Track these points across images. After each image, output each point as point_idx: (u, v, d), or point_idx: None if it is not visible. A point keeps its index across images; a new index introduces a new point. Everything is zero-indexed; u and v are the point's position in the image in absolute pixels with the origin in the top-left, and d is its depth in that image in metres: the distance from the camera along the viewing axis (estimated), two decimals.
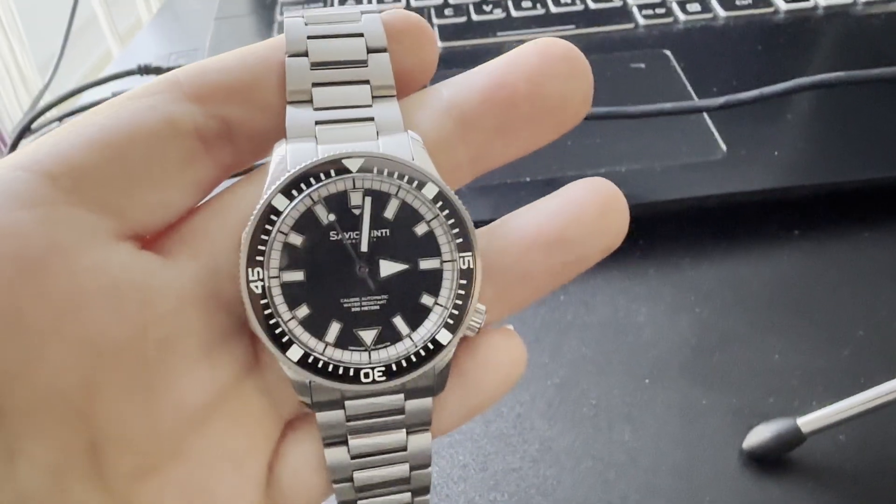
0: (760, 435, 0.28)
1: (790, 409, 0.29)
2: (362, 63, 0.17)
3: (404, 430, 0.18)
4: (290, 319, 0.16)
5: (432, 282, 0.17)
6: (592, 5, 0.49)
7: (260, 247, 0.16)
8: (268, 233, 0.16)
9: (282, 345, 0.16)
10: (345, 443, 0.17)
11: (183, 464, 0.16)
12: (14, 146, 0.50)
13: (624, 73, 0.43)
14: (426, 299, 0.17)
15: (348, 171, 0.16)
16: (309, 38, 0.17)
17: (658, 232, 0.37)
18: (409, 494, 0.18)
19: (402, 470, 0.18)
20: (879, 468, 0.28)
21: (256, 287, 0.16)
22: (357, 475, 0.18)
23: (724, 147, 0.38)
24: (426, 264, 0.17)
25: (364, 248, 0.16)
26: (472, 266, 0.17)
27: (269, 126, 0.17)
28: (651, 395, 0.30)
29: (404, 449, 0.18)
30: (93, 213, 0.15)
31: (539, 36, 0.50)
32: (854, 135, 0.38)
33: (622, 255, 0.36)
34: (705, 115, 0.39)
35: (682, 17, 0.47)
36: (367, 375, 0.16)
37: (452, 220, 0.17)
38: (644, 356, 0.32)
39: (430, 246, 0.17)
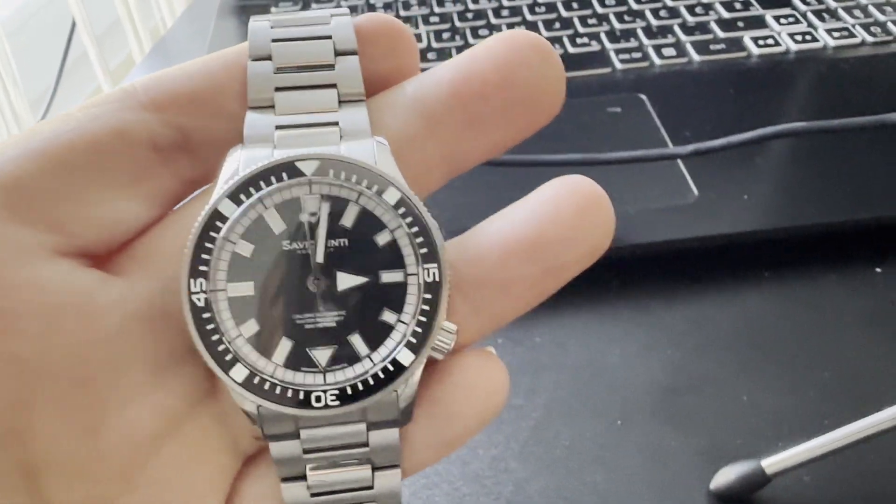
0: (726, 476, 0.29)
1: (757, 450, 0.30)
2: (329, 66, 0.16)
3: (369, 467, 0.16)
4: (236, 336, 0.15)
5: (395, 296, 0.15)
6: (571, 49, 0.50)
7: (204, 255, 0.15)
8: (213, 241, 0.15)
9: (225, 364, 0.15)
10: (303, 478, 0.16)
11: (133, 498, 0.15)
12: None
13: (601, 118, 0.44)
14: (388, 316, 0.15)
15: (302, 175, 0.15)
16: (273, 41, 0.16)
17: (631, 274, 0.38)
18: None
19: None
20: None
21: (199, 300, 0.15)
22: None
23: (695, 191, 0.39)
24: (388, 277, 0.15)
25: (320, 258, 0.15)
26: (437, 279, 0.15)
27: (230, 135, 0.16)
28: (622, 437, 0.31)
29: (370, 487, 0.16)
30: (28, 228, 0.14)
31: None
32: (821, 180, 0.39)
33: (596, 296, 0.37)
34: (678, 160, 0.40)
35: (657, 61, 0.49)
36: (318, 399, 0.15)
37: (417, 229, 0.15)
38: (616, 397, 0.33)
39: (392, 257, 0.15)
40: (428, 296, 0.15)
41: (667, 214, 0.38)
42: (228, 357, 0.15)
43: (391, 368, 0.15)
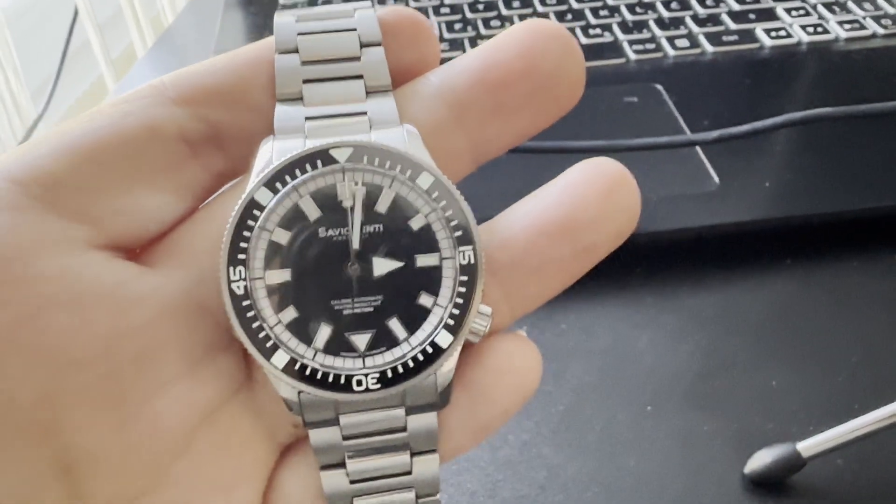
0: (761, 460, 0.29)
1: (789, 434, 0.30)
2: (355, 58, 0.16)
3: (408, 452, 0.16)
4: (275, 324, 0.15)
5: (431, 280, 0.16)
6: (584, 40, 0.50)
7: (242, 244, 0.15)
8: (250, 229, 0.15)
9: (266, 350, 0.15)
10: (343, 466, 0.16)
11: (167, 491, 0.15)
12: None
13: (618, 107, 0.44)
14: (424, 299, 0.16)
15: (336, 162, 0.15)
16: (299, 34, 0.16)
17: (656, 261, 0.38)
18: None
19: (407, 498, 0.17)
20: (877, 492, 0.29)
21: (238, 288, 0.15)
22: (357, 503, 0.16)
23: (716, 179, 0.39)
24: (423, 261, 0.16)
25: (356, 244, 0.15)
26: (473, 261, 0.16)
27: (259, 129, 0.16)
28: (654, 422, 0.31)
29: (409, 473, 0.16)
30: (63, 221, 0.15)
31: None
32: (840, 167, 0.40)
33: (621, 283, 0.37)
34: (698, 148, 0.40)
35: (671, 52, 0.49)
36: (359, 383, 0.15)
37: (450, 212, 0.16)
38: (646, 383, 0.33)
39: (427, 241, 0.16)
40: (464, 278, 0.16)
41: (689, 202, 0.38)
42: (269, 344, 0.15)
43: (430, 351, 0.15)
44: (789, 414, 0.31)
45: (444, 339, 0.15)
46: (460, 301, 0.16)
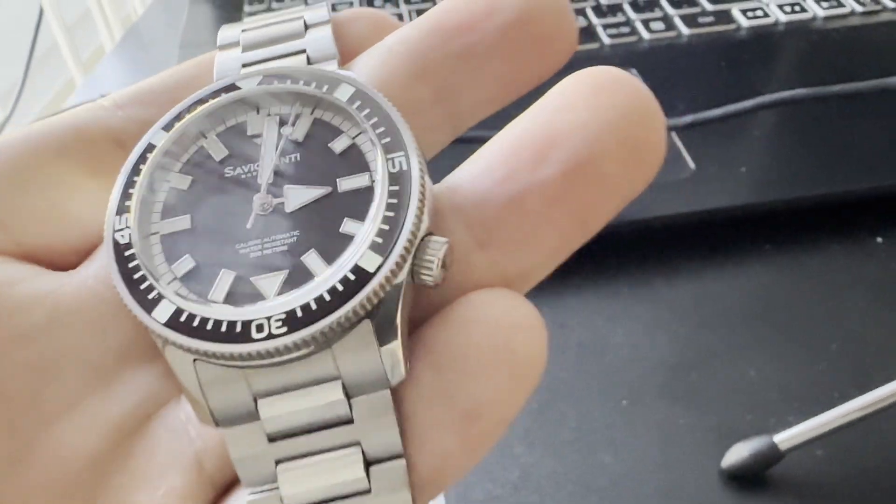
0: (738, 454, 0.28)
1: (767, 425, 0.29)
2: (298, 35, 0.15)
3: (360, 459, 0.12)
4: (164, 273, 0.13)
5: (358, 204, 0.13)
6: None
7: (132, 191, 0.13)
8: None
9: (148, 303, 0.12)
10: (274, 485, 0.12)
11: None
12: None
13: None
14: (350, 226, 0.13)
15: (238, 89, 0.14)
16: (243, 31, 0.15)
17: (631, 251, 0.37)
18: None
19: None
20: (857, 481, 0.28)
21: (123, 236, 0.13)
22: None
23: (692, 165, 0.38)
24: (349, 183, 0.13)
25: (267, 178, 0.13)
26: (406, 167, 0.12)
27: None
28: (630, 417, 0.30)
29: (367, 491, 0.12)
30: None
31: None
32: (818, 149, 0.39)
33: (596, 275, 0.36)
34: (673, 133, 0.39)
35: (646, 35, 0.48)
36: (260, 328, 0.12)
37: (377, 119, 0.13)
38: (622, 377, 0.32)
39: (353, 162, 0.13)
40: (395, 187, 0.12)
41: (664, 189, 0.37)
42: (152, 295, 0.12)
43: (352, 278, 0.12)
44: (768, 405, 0.31)
45: (370, 260, 0.12)
46: (391, 214, 0.12)
